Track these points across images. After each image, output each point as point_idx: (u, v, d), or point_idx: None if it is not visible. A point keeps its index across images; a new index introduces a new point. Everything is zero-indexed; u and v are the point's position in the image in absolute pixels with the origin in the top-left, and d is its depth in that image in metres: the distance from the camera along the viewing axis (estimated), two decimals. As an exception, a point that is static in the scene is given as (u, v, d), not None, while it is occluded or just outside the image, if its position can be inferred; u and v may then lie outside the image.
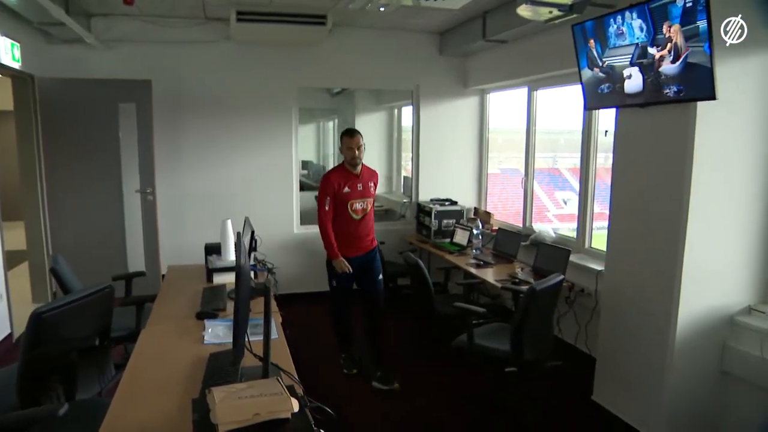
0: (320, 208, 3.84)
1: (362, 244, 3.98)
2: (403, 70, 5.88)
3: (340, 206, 3.84)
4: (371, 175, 4.02)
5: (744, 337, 3.10)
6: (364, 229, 3.97)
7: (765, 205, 3.12)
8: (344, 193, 3.81)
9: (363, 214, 3.93)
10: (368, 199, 3.94)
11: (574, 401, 3.70)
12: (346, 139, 3.83)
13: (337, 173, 3.88)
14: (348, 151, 3.81)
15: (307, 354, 4.35)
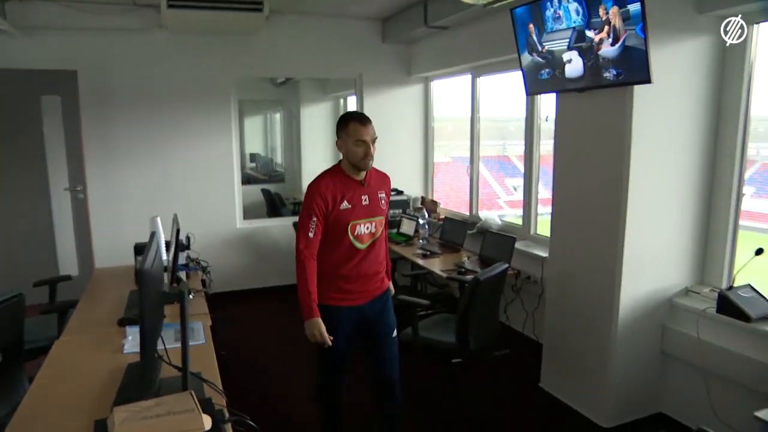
0: (300, 235, 2.49)
1: (369, 287, 2.64)
2: (346, 58, 5.73)
3: (337, 231, 2.52)
4: (381, 181, 2.69)
5: (681, 318, 3.14)
6: (372, 265, 2.62)
7: (699, 189, 3.16)
8: (342, 211, 2.49)
9: (371, 241, 2.60)
10: (378, 218, 2.60)
11: (521, 389, 3.69)
12: (353, 127, 2.47)
13: (331, 179, 2.51)
14: (355, 146, 2.44)
15: (253, 352, 4.25)
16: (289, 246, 5.62)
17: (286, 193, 6.67)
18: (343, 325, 2.60)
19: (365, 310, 2.65)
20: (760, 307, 2.85)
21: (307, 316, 2.48)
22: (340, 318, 2.59)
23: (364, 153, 2.46)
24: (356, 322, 2.64)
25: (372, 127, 2.52)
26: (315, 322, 2.47)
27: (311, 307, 2.47)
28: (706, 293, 3.12)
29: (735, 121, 3.04)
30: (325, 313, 2.51)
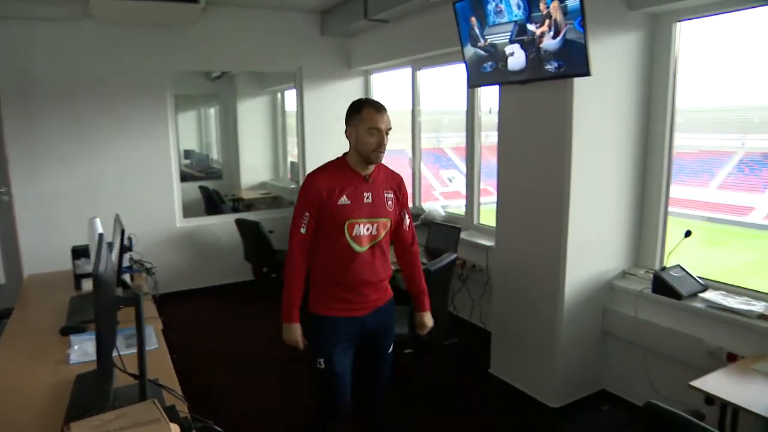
0: (292, 230, 2.29)
1: (370, 297, 2.34)
2: (285, 51, 5.63)
3: (332, 229, 2.25)
4: (390, 180, 2.40)
5: (620, 299, 3.31)
6: (372, 271, 2.32)
7: (633, 178, 3.33)
8: (339, 207, 2.22)
9: (371, 245, 2.31)
10: (382, 220, 2.31)
11: (472, 376, 3.78)
12: (367, 113, 2.21)
13: (330, 172, 2.29)
14: (368, 135, 2.19)
15: (206, 354, 4.13)
16: (230, 244, 5.50)
17: (224, 190, 6.51)
18: (341, 338, 2.31)
19: (366, 323, 2.34)
20: (689, 285, 3.05)
21: (284, 319, 2.31)
22: (337, 330, 2.31)
23: (377, 143, 2.20)
24: (356, 335, 2.34)
25: (388, 116, 2.26)
26: (292, 328, 2.30)
27: (290, 311, 2.29)
28: (641, 275, 3.30)
29: (663, 113, 3.22)
30: (320, 325, 2.31)
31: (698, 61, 3.25)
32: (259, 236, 4.99)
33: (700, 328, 2.89)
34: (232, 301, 5.42)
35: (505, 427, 3.20)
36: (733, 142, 7.59)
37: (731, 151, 7.93)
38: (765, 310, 2.72)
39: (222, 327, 4.77)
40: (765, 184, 7.38)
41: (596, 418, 3.24)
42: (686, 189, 6.27)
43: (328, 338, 2.31)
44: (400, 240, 2.50)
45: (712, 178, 7.59)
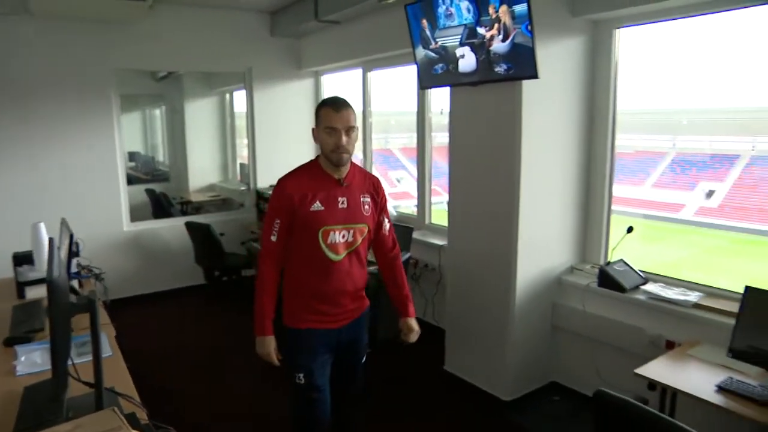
0: (262, 238, 2.20)
1: (348, 307, 2.24)
2: (234, 51, 5.55)
3: (306, 237, 2.14)
4: (367, 183, 2.29)
5: (569, 294, 3.44)
6: (350, 280, 2.21)
7: (580, 176, 3.47)
8: (312, 213, 2.12)
9: (348, 252, 2.19)
10: (358, 226, 2.20)
11: (427, 373, 3.83)
12: (324, 113, 2.12)
13: (301, 176, 2.18)
14: (328, 136, 2.10)
15: (159, 360, 4.04)
16: (180, 247, 5.38)
17: (172, 193, 6.35)
18: (320, 351, 2.22)
19: (342, 335, 2.25)
20: (631, 278, 3.21)
21: (258, 331, 2.18)
22: (315, 343, 2.20)
23: (335, 143, 2.08)
24: (333, 347, 2.26)
25: (349, 113, 2.12)
26: (265, 341, 2.17)
27: (263, 324, 2.16)
28: (588, 270, 3.45)
29: (605, 115, 3.38)
30: (297, 338, 2.20)
31: (635, 65, 3.42)
32: (210, 239, 4.91)
33: (642, 319, 3.05)
34: (185, 305, 5.30)
35: (460, 422, 3.27)
36: (665, 143, 8.01)
37: (664, 152, 8.35)
38: (699, 300, 2.90)
39: (176, 332, 4.67)
40: (694, 183, 7.83)
41: (547, 409, 3.36)
42: (625, 188, 6.56)
43: (306, 352, 2.19)
44: (380, 245, 2.40)
45: (647, 177, 7.99)
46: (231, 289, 5.36)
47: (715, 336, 2.66)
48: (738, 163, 7.72)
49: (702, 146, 8.02)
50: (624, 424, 1.91)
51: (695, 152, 8.11)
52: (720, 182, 7.77)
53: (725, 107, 6.43)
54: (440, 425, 3.24)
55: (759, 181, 7.40)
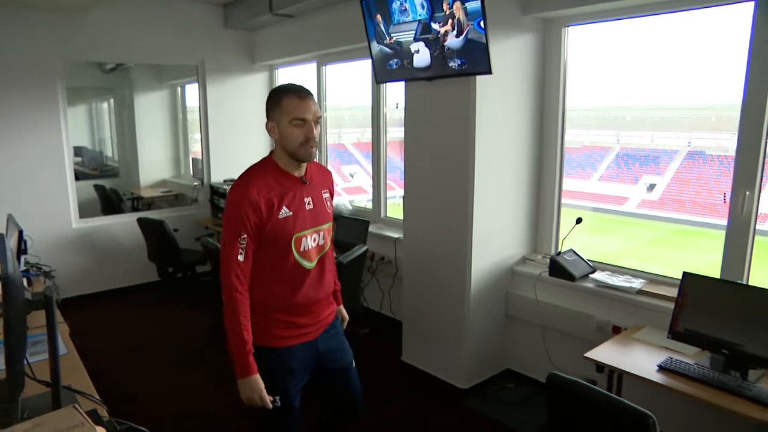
0: (227, 262, 1.86)
1: (321, 314, 2.08)
2: (186, 44, 5.44)
3: (277, 249, 1.92)
4: (323, 177, 2.12)
5: (521, 283, 3.56)
6: (322, 286, 2.05)
7: (532, 169, 3.58)
8: (281, 221, 1.89)
9: (320, 256, 2.03)
10: (326, 226, 2.05)
11: (385, 365, 3.89)
12: (287, 103, 1.87)
13: (263, 180, 1.90)
14: (293, 128, 1.86)
15: (113, 357, 3.95)
16: (133, 244, 5.26)
17: (122, 189, 6.17)
18: (298, 371, 2.01)
19: (318, 345, 2.06)
20: (581, 267, 3.34)
21: (241, 372, 1.86)
22: (291, 361, 1.99)
23: (305, 137, 1.85)
24: (311, 362, 2.05)
25: (314, 102, 1.90)
26: (253, 382, 1.86)
27: (247, 362, 1.85)
28: (539, 260, 3.57)
29: (555, 111, 3.50)
30: (270, 358, 1.94)
31: (584, 63, 3.55)
32: (164, 236, 4.81)
33: (590, 306, 3.19)
34: (139, 302, 5.19)
35: (419, 411, 3.34)
36: (610, 138, 8.33)
37: (609, 147, 8.68)
38: (642, 286, 3.05)
39: (131, 330, 4.57)
40: (637, 176, 8.18)
41: (502, 395, 3.46)
42: (574, 181, 6.79)
43: (283, 372, 1.97)
44: None
45: (594, 172, 8.29)
46: (186, 286, 5.28)
47: (658, 320, 2.81)
48: (676, 158, 8.11)
49: (644, 141, 8.39)
50: (574, 403, 2.02)
51: (638, 147, 8.48)
52: (660, 176, 8.15)
53: (665, 104, 6.74)
54: (398, 414, 3.30)
55: (694, 176, 7.80)
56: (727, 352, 2.37)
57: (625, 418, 1.84)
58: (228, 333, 1.87)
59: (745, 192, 2.73)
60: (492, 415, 3.26)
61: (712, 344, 2.43)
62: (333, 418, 2.26)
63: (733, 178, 2.78)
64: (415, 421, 3.23)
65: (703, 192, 7.59)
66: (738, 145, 2.75)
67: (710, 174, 7.66)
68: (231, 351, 1.88)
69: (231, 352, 1.88)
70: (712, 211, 6.78)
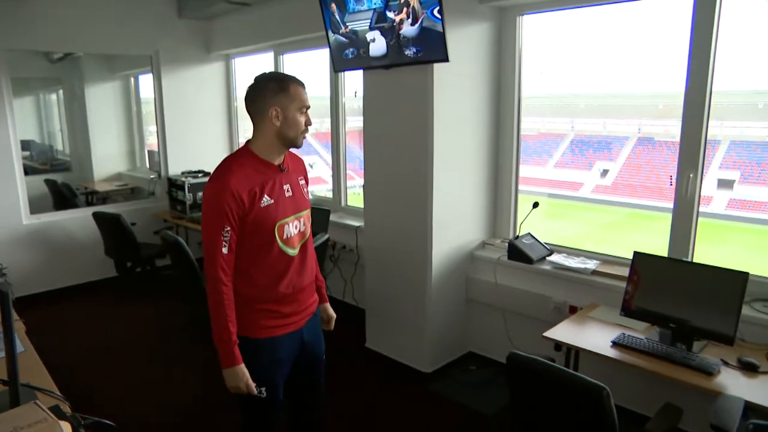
0: (211, 255, 1.86)
1: (306, 302, 2.09)
2: (138, 33, 5.29)
3: (261, 238, 1.92)
4: (297, 164, 2.11)
5: (481, 267, 3.64)
6: (308, 274, 2.07)
7: (490, 156, 3.65)
8: (264, 209, 1.89)
9: (302, 243, 2.04)
10: (305, 212, 2.06)
11: (350, 352, 3.92)
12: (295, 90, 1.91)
13: (243, 170, 1.89)
14: (301, 116, 1.93)
15: (73, 354, 3.87)
16: (88, 239, 5.13)
17: (75, 183, 6.00)
18: (284, 362, 2.03)
19: (304, 334, 2.08)
20: (538, 250, 3.45)
21: (225, 362, 1.88)
22: (280, 352, 2.01)
23: (306, 123, 1.94)
24: (295, 351, 2.07)
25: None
26: (239, 371, 1.89)
27: (233, 353, 1.87)
28: (498, 244, 3.66)
29: (511, 98, 3.57)
30: (256, 349, 1.96)
31: (537, 51, 3.63)
32: (121, 230, 4.71)
33: (548, 287, 3.29)
34: (97, 299, 5.07)
35: (384, 395, 3.40)
36: (565, 125, 8.55)
37: (564, 134, 8.91)
38: (597, 267, 3.17)
39: (90, 326, 4.48)
40: (591, 162, 8.43)
41: (465, 377, 3.55)
42: (531, 168, 6.93)
43: (269, 364, 1.99)
44: None
45: (549, 158, 8.50)
46: (146, 280, 5.19)
47: (612, 298, 2.93)
48: (627, 144, 8.38)
49: (597, 128, 8.64)
50: (534, 379, 2.10)
51: (592, 134, 8.72)
52: (613, 162, 8.42)
53: (617, 92, 6.96)
54: (364, 399, 3.35)
55: (644, 161, 8.09)
56: (674, 326, 2.50)
57: (581, 392, 1.93)
58: (213, 324, 1.88)
59: (689, 174, 2.87)
60: (455, 397, 3.34)
61: (660, 319, 2.56)
62: (296, 409, 2.27)
63: (678, 162, 2.91)
64: (380, 407, 3.29)
65: (653, 177, 7.88)
66: (682, 130, 2.88)
67: (659, 159, 7.96)
68: (216, 342, 1.89)
69: (217, 343, 1.89)
70: (662, 195, 7.04)
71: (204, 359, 3.81)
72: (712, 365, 2.28)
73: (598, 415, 1.89)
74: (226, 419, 3.09)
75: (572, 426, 2.05)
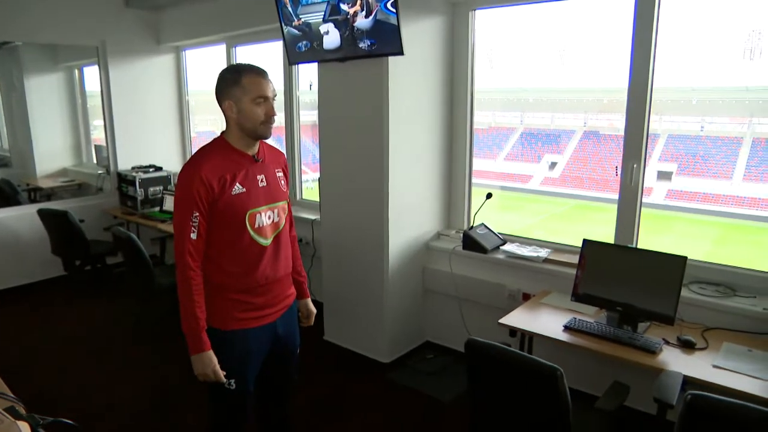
0: (179, 240, 1.89)
1: (280, 296, 2.10)
2: (83, 22, 5.09)
3: (231, 226, 1.93)
4: (276, 157, 2.13)
5: (437, 258, 3.71)
6: (281, 265, 2.07)
7: (444, 149, 3.73)
8: (234, 197, 1.91)
9: (275, 234, 2.04)
10: (280, 204, 2.05)
11: (308, 345, 3.87)
12: (249, 81, 1.89)
13: (215, 158, 1.92)
14: (255, 106, 1.89)
15: (18, 361, 3.71)
16: (33, 238, 4.94)
17: (16, 179, 5.75)
18: (254, 355, 2.05)
19: (278, 328, 2.10)
20: (492, 240, 3.54)
21: (193, 348, 1.89)
22: (252, 345, 2.02)
23: (266, 114, 1.90)
24: (268, 344, 2.09)
25: (270, 80, 1.95)
26: (206, 357, 1.89)
27: (200, 338, 1.88)
28: (453, 235, 3.74)
29: (464, 92, 3.65)
30: (226, 341, 1.97)
31: (489, 46, 3.72)
32: (69, 227, 4.56)
33: (502, 276, 3.39)
34: (45, 299, 4.90)
35: (342, 386, 3.43)
36: (514, 119, 8.78)
37: (514, 127, 9.13)
38: (549, 255, 3.29)
39: (38, 328, 4.32)
40: (539, 155, 8.68)
41: (423, 366, 3.62)
42: (482, 161, 7.08)
43: (239, 356, 2.00)
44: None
45: (500, 151, 8.70)
46: (96, 278, 5.04)
47: (563, 285, 3.05)
48: (574, 137, 8.67)
49: (545, 122, 8.90)
50: (491, 364, 2.17)
51: (540, 128, 8.97)
52: (561, 155, 8.69)
53: (563, 87, 7.18)
54: (323, 390, 3.37)
55: (590, 154, 8.39)
56: (620, 309, 2.63)
57: (536, 373, 2.01)
58: (181, 310, 1.90)
59: (633, 164, 3.01)
60: (413, 385, 3.41)
61: (607, 303, 2.69)
62: (265, 401, 2.29)
63: (623, 153, 3.06)
64: (338, 397, 3.32)
65: (599, 169, 8.19)
66: (626, 121, 3.02)
67: (604, 152, 8.27)
68: (184, 328, 1.91)
69: (184, 329, 1.91)
70: (606, 187, 7.34)
71: (159, 358, 3.76)
72: (655, 344, 2.42)
73: (553, 396, 1.98)
74: (182, 418, 3.06)
75: (529, 408, 2.13)
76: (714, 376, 2.20)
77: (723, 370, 2.24)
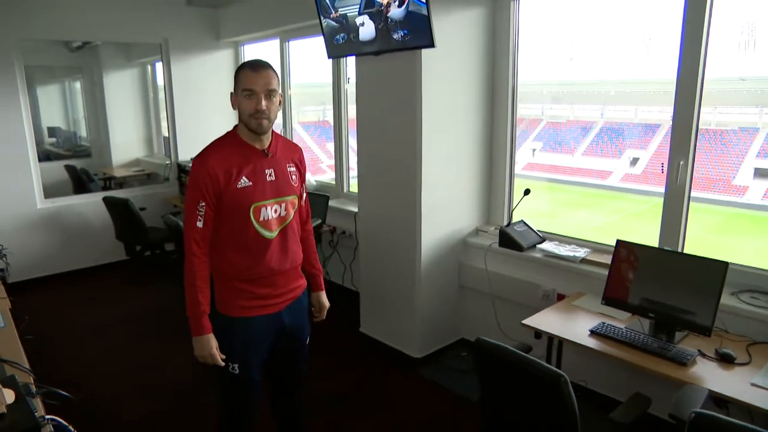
0: (187, 227, 1.97)
1: (286, 287, 2.12)
2: (148, 21, 5.38)
3: (236, 218, 1.98)
4: (291, 152, 2.14)
5: (473, 254, 3.62)
6: (287, 258, 2.09)
7: (483, 142, 3.61)
8: (240, 190, 1.95)
9: (281, 227, 2.06)
10: (289, 198, 2.07)
11: (344, 336, 3.96)
12: (243, 75, 1.93)
13: (223, 151, 1.97)
14: (246, 100, 1.92)
15: (69, 338, 3.99)
16: (101, 224, 5.29)
17: (94, 168, 6.18)
18: (257, 342, 2.08)
19: (283, 319, 2.12)
20: (529, 237, 3.41)
21: (194, 331, 1.97)
22: (253, 333, 2.06)
23: (253, 108, 1.90)
24: (273, 334, 2.11)
25: (269, 74, 1.93)
26: (205, 340, 1.97)
27: (200, 322, 1.95)
28: (491, 231, 3.63)
29: (506, 85, 3.52)
30: (231, 327, 2.05)
31: (570, 37, 3.56)
32: (130, 214, 4.84)
33: (537, 275, 3.26)
34: (107, 281, 5.24)
35: (374, 378, 3.43)
36: (594, 112, 8.37)
37: (593, 121, 8.71)
38: (587, 255, 3.12)
39: (89, 309, 4.61)
40: (621, 150, 8.25)
41: (455, 363, 3.55)
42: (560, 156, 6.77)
43: (242, 342, 2.05)
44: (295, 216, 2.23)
45: (578, 146, 8.35)
46: (153, 264, 5.33)
47: (599, 287, 2.86)
48: (659, 132, 8.15)
49: (629, 116, 8.43)
50: (498, 365, 2.09)
51: (622, 121, 8.52)
52: (644, 150, 8.20)
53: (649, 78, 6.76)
54: (355, 382, 3.39)
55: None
56: (653, 316, 2.44)
57: (541, 378, 1.92)
58: (186, 294, 1.98)
59: (680, 161, 2.80)
60: (443, 382, 3.36)
61: (639, 309, 2.51)
62: (275, 392, 2.32)
63: (669, 149, 2.86)
64: (368, 388, 3.32)
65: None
66: (673, 115, 2.82)
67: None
68: (187, 311, 1.99)
69: (188, 312, 1.98)
70: (697, 186, 6.81)
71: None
72: (687, 356, 2.23)
73: (558, 402, 1.88)
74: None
75: (535, 412, 2.04)
76: (747, 395, 2.00)
77: (762, 389, 2.03)
